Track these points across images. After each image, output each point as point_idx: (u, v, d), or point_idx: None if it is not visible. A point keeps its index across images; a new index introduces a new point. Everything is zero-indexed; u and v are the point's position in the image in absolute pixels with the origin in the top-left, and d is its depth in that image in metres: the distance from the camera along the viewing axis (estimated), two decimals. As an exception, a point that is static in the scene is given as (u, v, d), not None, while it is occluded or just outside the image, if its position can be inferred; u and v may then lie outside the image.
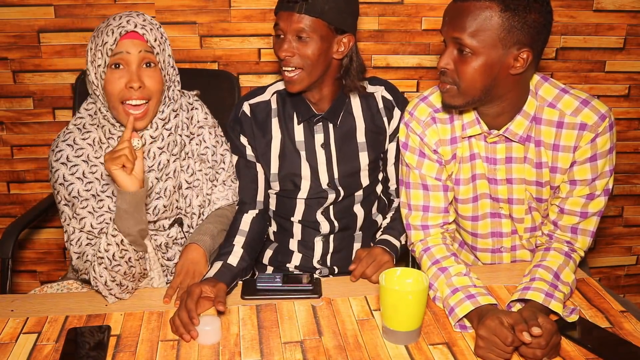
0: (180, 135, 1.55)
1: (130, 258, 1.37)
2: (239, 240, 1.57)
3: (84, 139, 1.48)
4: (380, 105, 1.68)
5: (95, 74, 1.43)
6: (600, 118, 1.36)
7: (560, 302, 1.29)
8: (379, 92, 1.70)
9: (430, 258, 1.46)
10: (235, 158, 1.70)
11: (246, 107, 1.68)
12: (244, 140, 1.68)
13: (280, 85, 1.69)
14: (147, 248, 1.44)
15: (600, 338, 1.25)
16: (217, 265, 1.46)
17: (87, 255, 1.44)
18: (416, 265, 1.57)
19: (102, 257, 1.36)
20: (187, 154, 1.58)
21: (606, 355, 1.19)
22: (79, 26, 2.07)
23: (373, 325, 1.31)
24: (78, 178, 1.46)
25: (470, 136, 1.46)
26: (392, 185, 1.77)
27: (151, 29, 1.43)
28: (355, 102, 1.68)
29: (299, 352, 1.23)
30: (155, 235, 1.56)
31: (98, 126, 1.49)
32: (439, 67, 1.35)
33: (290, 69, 1.54)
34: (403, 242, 1.65)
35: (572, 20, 2.20)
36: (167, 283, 1.56)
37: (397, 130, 1.66)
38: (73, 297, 1.43)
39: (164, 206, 1.52)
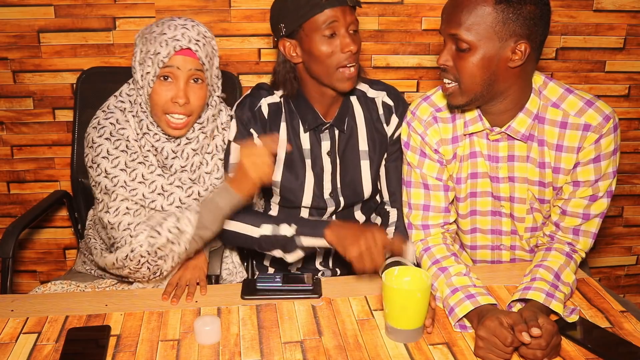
0: (208, 135, 1.57)
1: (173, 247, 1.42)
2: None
3: (126, 120, 1.50)
4: (381, 111, 1.65)
5: (142, 77, 1.44)
6: (605, 119, 1.36)
7: (560, 302, 1.29)
8: (380, 97, 1.66)
9: (430, 258, 1.46)
10: (234, 146, 1.58)
11: (264, 106, 1.59)
12: (254, 133, 1.58)
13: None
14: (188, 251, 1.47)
15: (600, 338, 1.25)
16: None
17: (123, 225, 1.45)
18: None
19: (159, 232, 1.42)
20: (206, 148, 1.57)
21: (606, 355, 1.19)
22: (79, 26, 2.07)
23: (373, 325, 1.31)
24: (119, 154, 1.48)
25: (472, 134, 1.46)
26: (385, 196, 1.71)
27: (204, 45, 1.44)
28: (357, 107, 1.65)
29: (299, 352, 1.23)
30: None
31: (135, 115, 1.50)
32: (438, 63, 1.36)
33: (354, 64, 1.51)
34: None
35: (572, 20, 2.20)
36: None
37: (392, 137, 1.66)
38: (73, 297, 1.43)
39: (180, 199, 1.52)
